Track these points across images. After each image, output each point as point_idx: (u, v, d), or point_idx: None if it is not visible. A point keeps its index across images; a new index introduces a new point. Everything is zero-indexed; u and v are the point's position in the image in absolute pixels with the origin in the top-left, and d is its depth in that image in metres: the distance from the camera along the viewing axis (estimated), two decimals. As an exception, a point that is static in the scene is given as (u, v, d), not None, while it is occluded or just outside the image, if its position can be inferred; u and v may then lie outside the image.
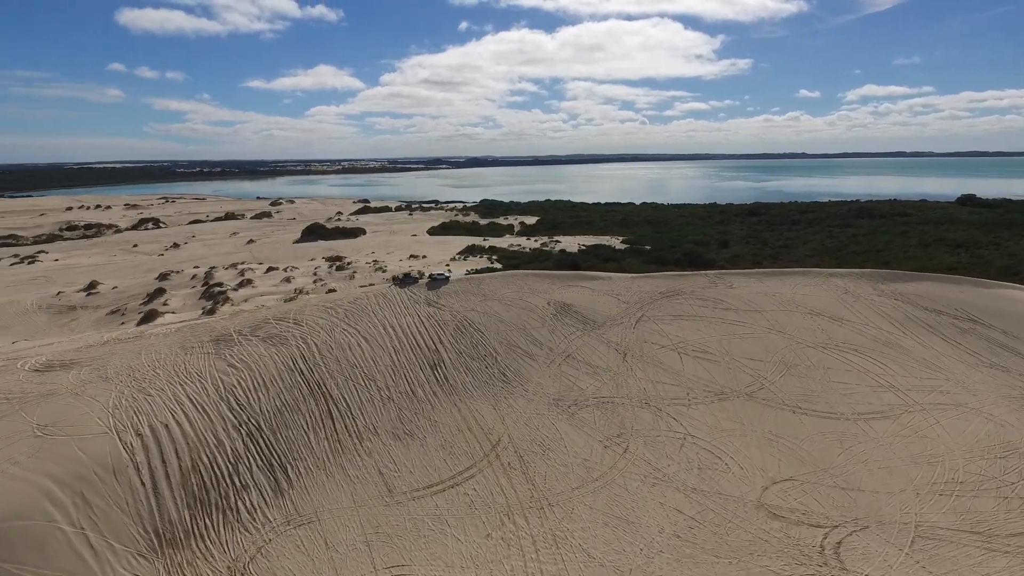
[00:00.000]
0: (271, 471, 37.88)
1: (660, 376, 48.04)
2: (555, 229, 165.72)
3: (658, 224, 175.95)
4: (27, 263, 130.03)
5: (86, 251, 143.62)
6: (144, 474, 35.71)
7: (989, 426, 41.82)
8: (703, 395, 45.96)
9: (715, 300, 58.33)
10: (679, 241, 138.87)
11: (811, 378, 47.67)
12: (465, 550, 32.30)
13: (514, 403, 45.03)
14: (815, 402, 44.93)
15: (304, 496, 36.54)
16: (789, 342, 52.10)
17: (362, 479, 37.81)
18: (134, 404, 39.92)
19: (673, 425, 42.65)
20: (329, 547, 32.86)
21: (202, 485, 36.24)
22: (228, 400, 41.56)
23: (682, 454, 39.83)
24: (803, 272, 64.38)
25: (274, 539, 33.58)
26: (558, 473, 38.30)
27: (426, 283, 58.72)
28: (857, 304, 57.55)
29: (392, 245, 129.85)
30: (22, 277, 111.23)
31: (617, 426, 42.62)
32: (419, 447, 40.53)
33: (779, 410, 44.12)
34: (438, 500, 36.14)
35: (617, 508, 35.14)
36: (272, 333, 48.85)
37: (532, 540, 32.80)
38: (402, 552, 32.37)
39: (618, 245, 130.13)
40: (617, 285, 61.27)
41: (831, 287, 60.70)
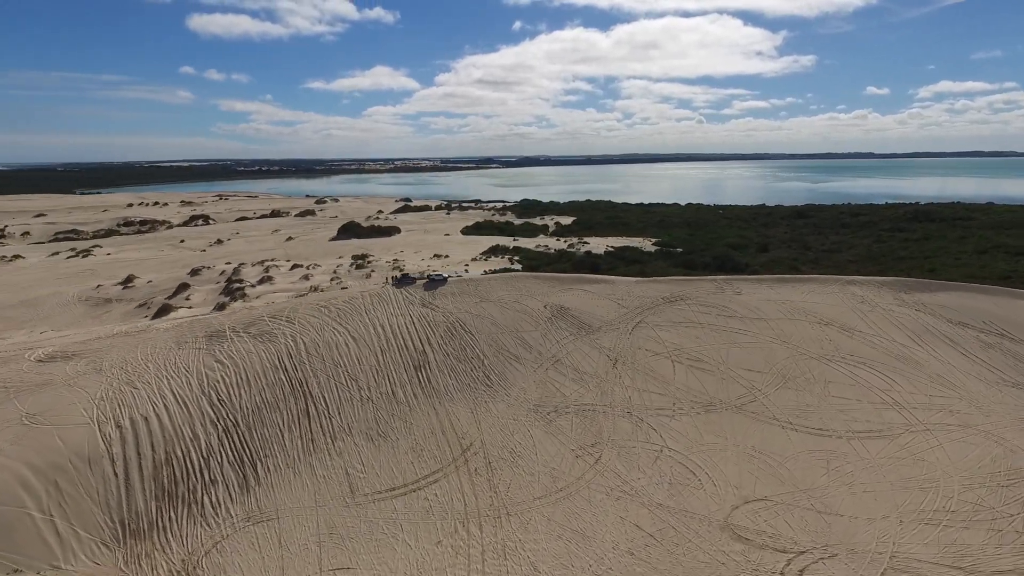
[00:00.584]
0: (241, 467, 38.52)
1: (648, 384, 46.51)
2: (589, 230, 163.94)
3: (697, 226, 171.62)
4: (81, 256, 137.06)
5: (136, 246, 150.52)
6: (118, 465, 36.89)
7: (997, 451, 38.64)
8: (690, 406, 44.22)
9: (719, 307, 56.13)
10: (714, 244, 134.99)
11: (809, 392, 45.21)
12: (412, 556, 31.97)
13: (493, 408, 44.43)
14: (808, 417, 42.56)
15: (269, 493, 36.99)
16: (792, 353, 49.59)
17: (328, 479, 38.00)
18: (120, 396, 41.32)
19: (652, 436, 41.18)
20: (282, 546, 33.12)
21: (172, 478, 37.16)
22: (210, 395, 42.53)
23: (655, 467, 38.37)
24: (819, 279, 61.23)
25: (232, 535, 34.08)
26: (523, 481, 37.52)
27: (423, 284, 58.73)
28: (873, 314, 54.30)
29: (421, 244, 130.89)
30: (73, 270, 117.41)
31: (594, 435, 41.45)
32: (390, 449, 40.46)
33: (768, 425, 41.98)
34: (397, 504, 35.95)
35: (575, 521, 34.12)
36: (264, 330, 49.78)
37: (481, 550, 32.19)
38: (351, 555, 32.31)
39: (648, 247, 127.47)
40: (619, 289, 59.77)
41: (847, 296, 57.49)
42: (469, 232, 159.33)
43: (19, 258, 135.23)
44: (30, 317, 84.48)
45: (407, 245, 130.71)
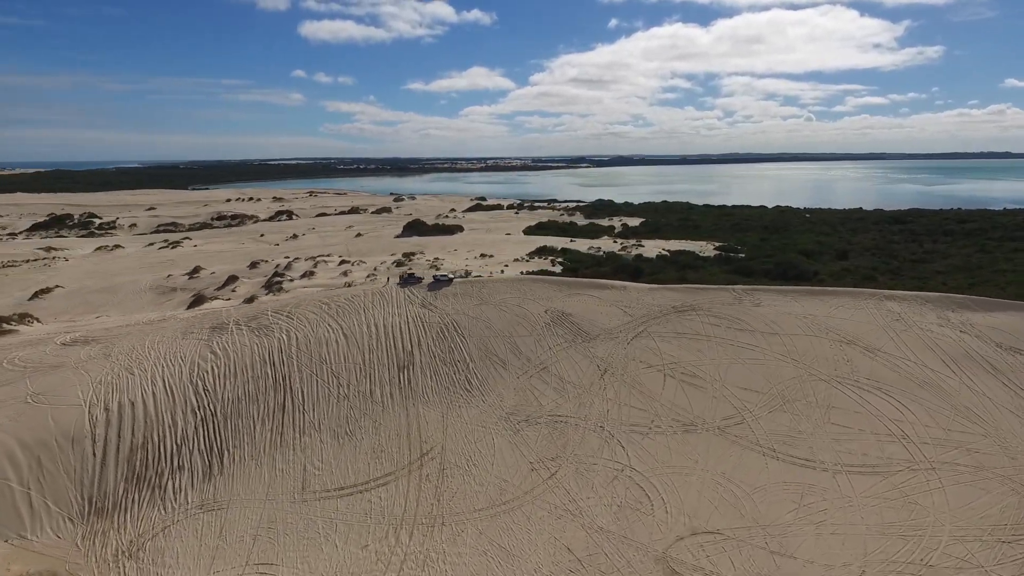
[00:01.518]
0: (209, 456, 40.13)
1: (632, 399, 44.15)
2: (655, 232, 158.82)
3: (776, 230, 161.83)
4: (171, 247, 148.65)
5: (222, 239, 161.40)
6: (98, 446, 39.47)
7: (1011, 500, 33.46)
8: (668, 424, 41.51)
9: (731, 319, 52.41)
10: (786, 249, 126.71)
11: (805, 417, 41.19)
12: (336, 558, 32.00)
13: (464, 413, 43.76)
14: (796, 445, 38.75)
15: (228, 483, 38.29)
16: (800, 372, 45.43)
17: (285, 473, 38.82)
18: (116, 381, 44.24)
19: (618, 454, 39.00)
20: (221, 536, 34.15)
21: (144, 462, 39.30)
22: (196, 385, 44.65)
23: (609, 487, 36.28)
24: (853, 293, 55.67)
25: (182, 520, 35.55)
26: (469, 491, 36.62)
27: (428, 284, 58.87)
28: (906, 334, 48.72)
29: (476, 243, 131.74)
30: (157, 260, 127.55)
31: (558, 448, 39.84)
32: (352, 448, 40.78)
33: (748, 450, 38.63)
34: (341, 503, 36.13)
35: (506, 537, 32.86)
36: (263, 324, 51.69)
37: (403, 558, 31.70)
38: (279, 551, 32.80)
39: (708, 251, 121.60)
40: (629, 296, 57.22)
41: (881, 312, 51.93)
42: (530, 232, 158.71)
43: (119, 247, 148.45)
44: (105, 302, 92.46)
45: (462, 244, 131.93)
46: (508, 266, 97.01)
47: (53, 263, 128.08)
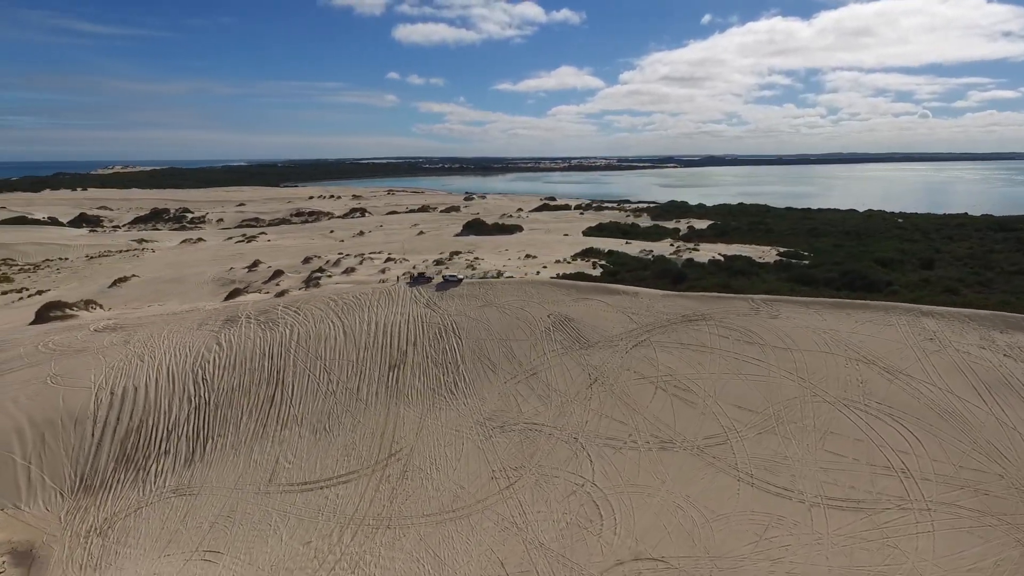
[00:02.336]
0: (194, 442, 42.04)
1: (615, 410, 42.28)
2: (721, 236, 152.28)
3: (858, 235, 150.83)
4: (246, 241, 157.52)
5: (294, 235, 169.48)
6: (97, 427, 42.31)
7: (1010, 553, 29.18)
8: (646, 440, 39.39)
9: (742, 331, 49.12)
10: (862, 256, 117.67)
11: (796, 441, 37.85)
12: (276, 552, 32.60)
13: (443, 415, 43.47)
14: (776, 472, 35.65)
15: (204, 471, 39.95)
16: (802, 392, 41.85)
17: (258, 464, 40.03)
18: (127, 367, 47.28)
19: (583, 468, 37.41)
20: (183, 521, 35.65)
21: (135, 444, 41.73)
22: (196, 374, 46.96)
23: (564, 502, 34.83)
24: (886, 307, 50.64)
25: (154, 503, 37.43)
26: (424, 495, 36.29)
27: (437, 284, 59.02)
28: (937, 356, 43.75)
29: (529, 243, 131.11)
30: (229, 253, 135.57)
31: (524, 457, 38.75)
32: (326, 444, 41.48)
33: (722, 473, 35.96)
34: (299, 498, 36.81)
35: (445, 546, 32.26)
36: (271, 318, 53.64)
37: (339, 557, 31.83)
38: (229, 540, 33.81)
39: (770, 257, 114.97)
40: (638, 302, 54.90)
41: (914, 330, 46.92)
42: (589, 233, 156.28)
43: (201, 240, 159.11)
44: (171, 291, 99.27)
45: (515, 244, 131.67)
46: (547, 267, 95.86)
47: (141, 254, 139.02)
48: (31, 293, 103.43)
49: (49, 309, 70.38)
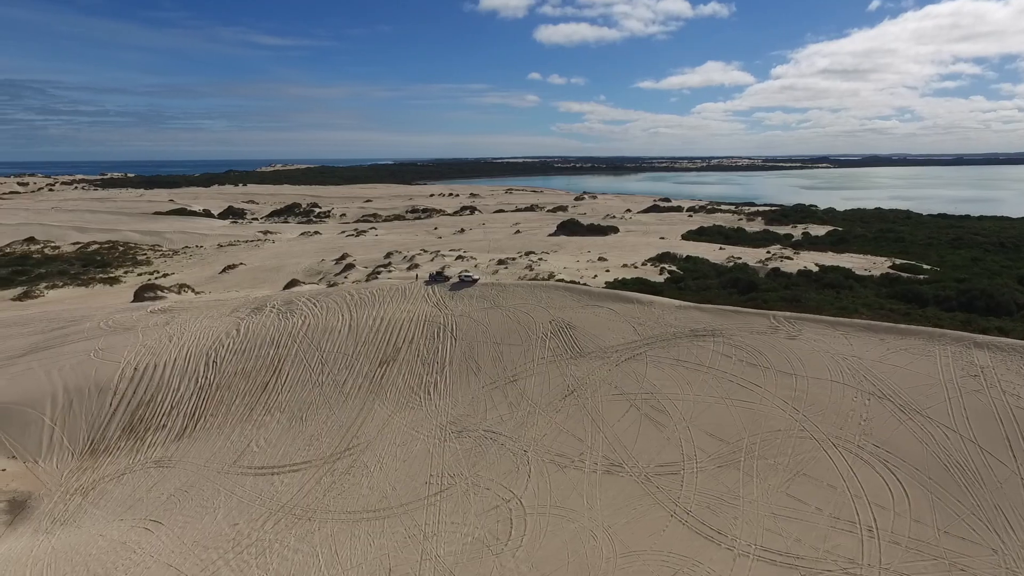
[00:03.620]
0: (188, 420, 45.71)
1: (577, 426, 39.96)
2: (841, 243, 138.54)
3: (1015, 248, 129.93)
4: (356, 235, 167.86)
5: (401, 230, 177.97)
6: (116, 398, 47.38)
7: (961, 644, 23.57)
8: (595, 461, 36.78)
9: (750, 350, 44.24)
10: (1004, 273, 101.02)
11: (759, 481, 33.37)
12: (205, 529, 34.54)
13: (410, 414, 43.59)
14: (718, 512, 31.64)
15: (188, 446, 43.30)
16: (791, 426, 36.84)
17: (233, 446, 42.66)
18: (156, 346, 52.46)
19: (517, 483, 35.73)
20: (149, 491, 38.89)
21: (141, 417, 46.20)
22: (209, 356, 50.98)
23: (481, 517, 33.45)
24: (931, 333, 42.91)
25: (136, 471, 41.21)
26: (356, 493, 36.62)
27: (453, 283, 59.17)
28: (975, 397, 36.45)
29: (614, 245, 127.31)
30: (333, 245, 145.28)
31: (466, 466, 37.78)
32: (296, 432, 43.25)
33: (657, 506, 32.60)
34: (250, 481, 38.71)
35: (348, 546, 32.29)
36: (292, 309, 56.85)
37: (251, 543, 33.01)
38: (174, 513, 36.36)
39: (878, 269, 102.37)
40: (651, 313, 51.33)
41: (958, 363, 39.42)
42: (689, 237, 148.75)
43: (317, 234, 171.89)
44: (266, 279, 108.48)
45: (599, 245, 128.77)
46: (609, 271, 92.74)
47: (262, 244, 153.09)
48: (160, 275, 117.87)
49: (144, 290, 79.82)
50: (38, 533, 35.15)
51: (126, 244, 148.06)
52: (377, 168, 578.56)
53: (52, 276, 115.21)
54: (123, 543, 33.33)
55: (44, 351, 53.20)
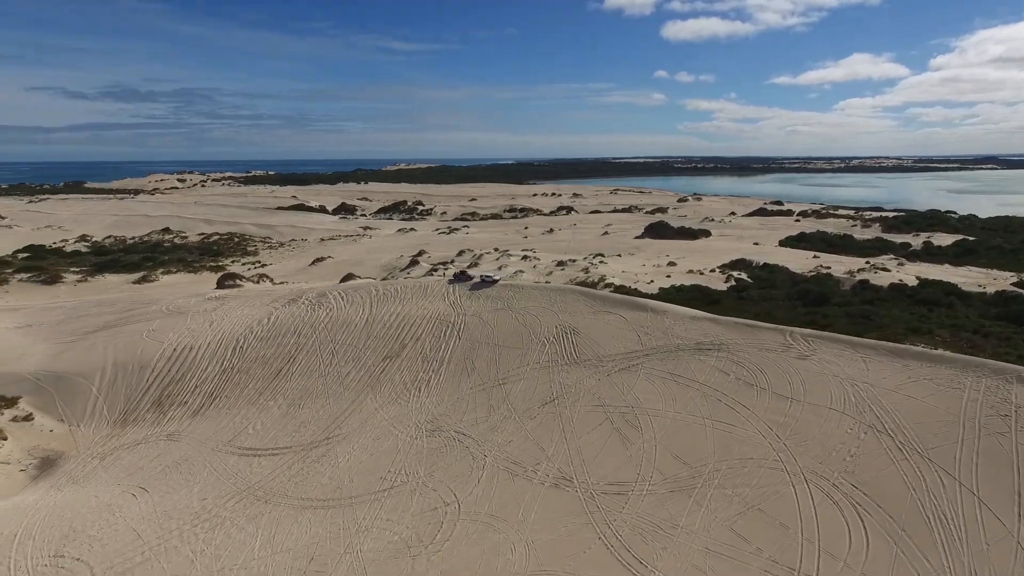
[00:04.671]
0: (206, 398, 49.50)
1: (544, 436, 38.72)
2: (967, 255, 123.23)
3: None
4: (448, 233, 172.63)
5: (492, 229, 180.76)
6: (152, 375, 52.37)
7: None
8: (547, 472, 35.40)
9: (752, 369, 40.52)
10: None
11: (707, 511, 30.47)
12: (180, 501, 37.15)
13: (394, 410, 44.31)
14: (649, 541, 29.22)
15: (198, 423, 46.90)
16: (764, 454, 33.32)
17: (233, 426, 45.63)
18: (198, 329, 57.32)
19: (463, 487, 35.19)
20: (153, 460, 42.57)
21: (170, 393, 50.70)
22: (237, 343, 54.90)
23: (416, 518, 33.26)
24: (966, 362, 36.71)
25: (149, 442, 45.28)
26: (316, 482, 37.77)
27: (474, 283, 59.31)
28: (995, 440, 30.91)
29: (698, 249, 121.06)
30: (420, 242, 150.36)
31: (425, 466, 37.82)
32: (290, 418, 45.46)
33: (589, 527, 30.74)
34: (233, 461, 41.16)
35: (286, 530, 33.38)
36: (322, 301, 59.77)
37: (208, 517, 35.07)
38: (160, 481, 39.44)
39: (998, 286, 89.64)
40: (660, 322, 48.49)
41: (989, 398, 33.57)
42: (786, 243, 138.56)
43: (413, 231, 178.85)
44: (348, 271, 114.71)
45: (680, 249, 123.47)
46: (670, 276, 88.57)
47: (359, 240, 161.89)
48: (259, 265, 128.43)
49: (225, 279, 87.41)
50: (51, 489, 39.71)
51: (242, 236, 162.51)
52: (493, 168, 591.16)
53: (172, 263, 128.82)
54: (108, 505, 36.82)
55: (111, 329, 59.95)
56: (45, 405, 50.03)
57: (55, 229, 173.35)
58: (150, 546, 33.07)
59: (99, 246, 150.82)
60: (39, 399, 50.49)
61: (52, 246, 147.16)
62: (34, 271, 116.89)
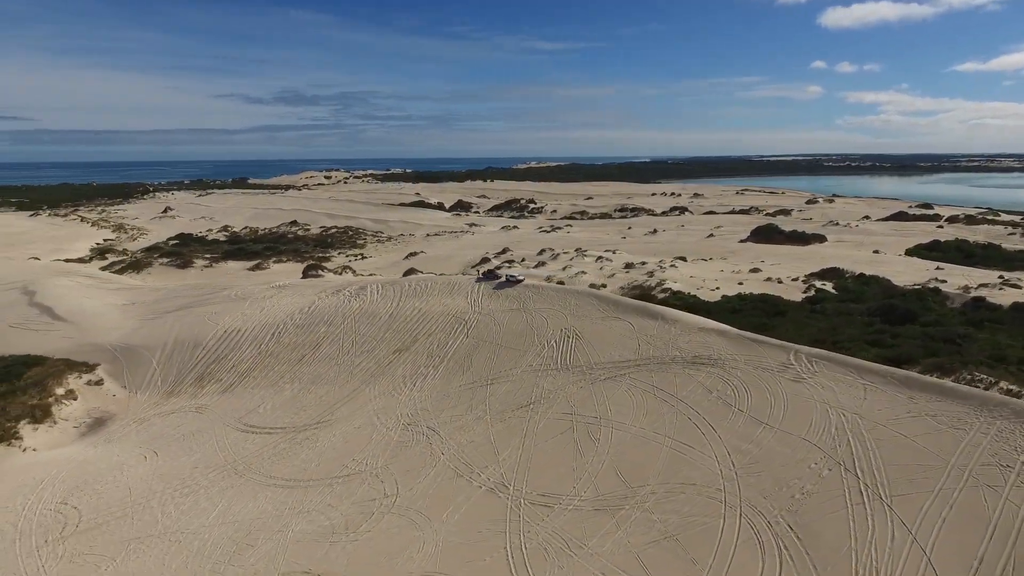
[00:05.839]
0: (237, 377, 54.07)
1: (504, 440, 38.14)
2: None
3: None
4: (548, 232, 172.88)
5: (594, 229, 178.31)
6: (202, 352, 58.14)
7: None
8: (490, 476, 34.82)
9: (738, 387, 37.08)
10: None
11: (621, 533, 28.40)
12: (178, 465, 41.00)
13: (385, 401, 45.69)
14: (549, 558, 27.73)
15: (224, 399, 51.35)
16: (711, 481, 30.40)
17: (248, 404, 49.36)
18: (250, 313, 62.73)
19: (407, 483, 35.56)
20: (174, 428, 47.30)
21: (211, 371, 55.99)
22: (277, 328, 59.33)
23: (354, 506, 34.12)
24: (986, 400, 30.62)
25: (180, 412, 50.33)
26: (289, 463, 39.97)
27: (498, 282, 59.29)
28: (984, 494, 25.81)
29: (797, 256, 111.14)
30: (512, 240, 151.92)
31: (386, 457, 38.70)
32: (297, 401, 48.40)
33: (498, 535, 29.78)
34: (235, 435, 44.57)
35: (242, 503, 35.75)
36: (360, 294, 62.89)
37: (191, 481, 38.54)
38: (172, 448, 43.73)
39: None
40: (666, 331, 45.65)
41: (994, 442, 28.02)
42: (913, 252, 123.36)
43: (516, 229, 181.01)
44: (432, 268, 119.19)
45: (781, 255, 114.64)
46: (743, 284, 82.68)
47: (460, 236, 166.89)
48: (361, 258, 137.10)
49: (309, 269, 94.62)
50: (89, 445, 45.69)
51: (356, 230, 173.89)
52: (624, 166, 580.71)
53: (287, 253, 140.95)
54: (121, 464, 41.72)
55: (184, 310, 67.35)
56: (116, 372, 57.38)
57: (207, 220, 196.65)
58: (133, 503, 37.08)
59: (234, 236, 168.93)
60: (113, 367, 58.00)
61: (198, 235, 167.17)
62: (173, 256, 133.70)
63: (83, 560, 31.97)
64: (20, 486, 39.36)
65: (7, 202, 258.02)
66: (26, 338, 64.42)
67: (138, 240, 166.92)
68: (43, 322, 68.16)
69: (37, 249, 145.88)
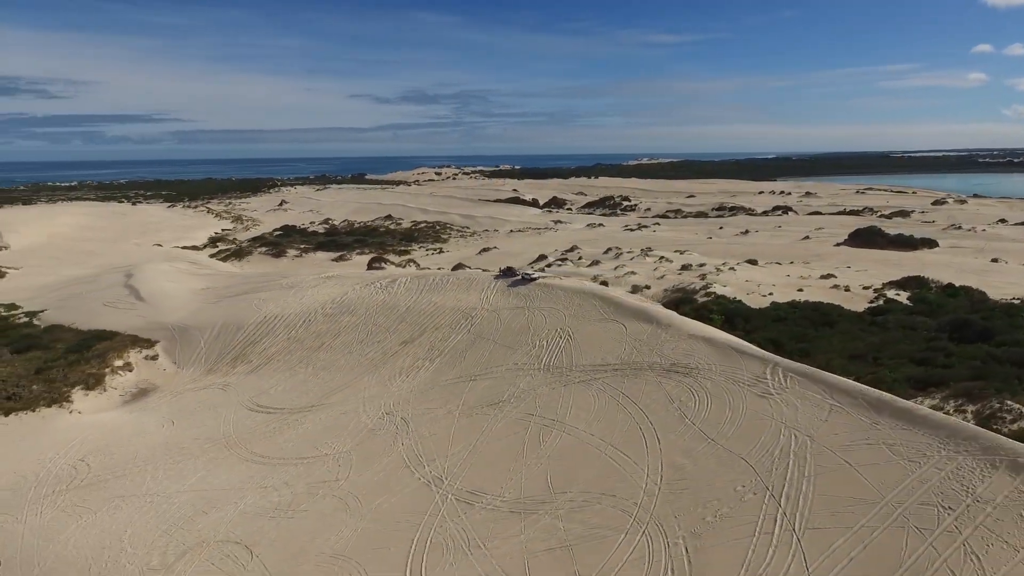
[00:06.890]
0: (264, 360, 58.18)
1: (461, 435, 38.39)
2: None
3: None
4: (635, 230, 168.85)
5: (680, 228, 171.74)
6: (242, 334, 63.03)
7: None
8: (429, 470, 35.21)
9: (704, 397, 34.91)
10: None
11: (524, 536, 27.79)
12: (186, 437, 45.02)
13: (375, 390, 47.37)
14: (451, 552, 27.64)
15: (247, 379, 55.42)
16: (631, 494, 28.96)
17: (262, 385, 52.96)
18: (291, 301, 67.13)
19: (363, 468, 36.88)
20: (198, 402, 51.86)
21: (246, 352, 60.58)
22: (308, 316, 63.07)
23: (303, 487, 35.92)
24: (960, 433, 26.44)
25: (208, 389, 54.89)
26: (272, 442, 42.58)
27: (514, 279, 59.16)
28: (894, 538, 22.68)
29: (892, 262, 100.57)
30: (584, 238, 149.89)
31: (352, 444, 40.24)
32: (303, 385, 51.34)
33: (410, 528, 30.17)
34: (241, 413, 48.11)
35: (216, 472, 38.76)
36: (389, 286, 65.31)
37: (182, 453, 42.32)
38: (189, 420, 47.87)
39: None
40: (656, 336, 43.68)
41: (947, 483, 24.39)
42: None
43: (601, 226, 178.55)
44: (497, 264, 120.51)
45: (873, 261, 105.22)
46: (803, 290, 76.31)
47: (543, 233, 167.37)
48: (439, 252, 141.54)
49: (373, 262, 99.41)
50: (126, 412, 51.23)
51: (444, 225, 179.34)
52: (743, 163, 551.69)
53: (373, 245, 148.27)
54: (141, 430, 46.51)
55: (242, 295, 73.23)
56: (171, 349, 63.69)
57: (313, 213, 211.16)
58: (134, 466, 41.29)
59: (332, 228, 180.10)
60: (169, 344, 64.43)
61: (300, 227, 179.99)
62: (271, 246, 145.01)
63: (72, 510, 36.16)
64: (56, 442, 45.01)
65: (158, 195, 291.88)
66: (112, 315, 73.04)
67: (251, 230, 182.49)
68: (128, 302, 76.91)
69: (164, 236, 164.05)
